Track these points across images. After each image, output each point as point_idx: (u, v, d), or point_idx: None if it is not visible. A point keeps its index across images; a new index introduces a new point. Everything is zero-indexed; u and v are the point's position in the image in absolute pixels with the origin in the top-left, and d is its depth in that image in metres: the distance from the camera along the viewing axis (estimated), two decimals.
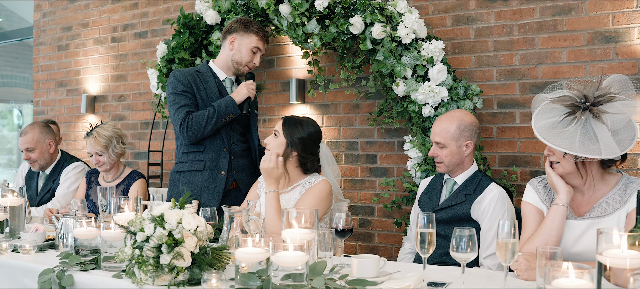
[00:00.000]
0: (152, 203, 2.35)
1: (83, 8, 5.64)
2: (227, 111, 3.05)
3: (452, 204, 2.63)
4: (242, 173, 3.20)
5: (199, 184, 3.11)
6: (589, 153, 2.07)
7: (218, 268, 1.92)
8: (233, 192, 3.19)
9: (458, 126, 2.64)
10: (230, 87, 3.24)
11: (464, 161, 2.67)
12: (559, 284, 1.41)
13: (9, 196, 2.69)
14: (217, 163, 3.12)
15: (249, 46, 3.17)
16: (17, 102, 10.19)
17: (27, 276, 2.18)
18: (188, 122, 3.04)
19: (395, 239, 3.95)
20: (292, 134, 2.65)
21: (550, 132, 2.13)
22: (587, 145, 2.07)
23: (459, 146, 2.63)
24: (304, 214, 1.93)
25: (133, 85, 5.25)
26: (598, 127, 2.09)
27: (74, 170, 3.89)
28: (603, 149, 2.05)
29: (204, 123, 3.03)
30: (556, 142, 2.11)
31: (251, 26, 3.18)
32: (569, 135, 2.09)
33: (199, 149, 3.13)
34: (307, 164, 2.67)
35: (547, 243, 2.13)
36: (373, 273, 1.96)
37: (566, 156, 2.16)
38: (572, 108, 2.13)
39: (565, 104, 2.14)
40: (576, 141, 2.08)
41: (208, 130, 3.05)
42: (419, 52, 3.37)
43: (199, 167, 3.12)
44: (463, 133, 2.64)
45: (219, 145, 3.13)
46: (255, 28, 3.18)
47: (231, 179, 3.16)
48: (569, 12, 3.40)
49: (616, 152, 2.06)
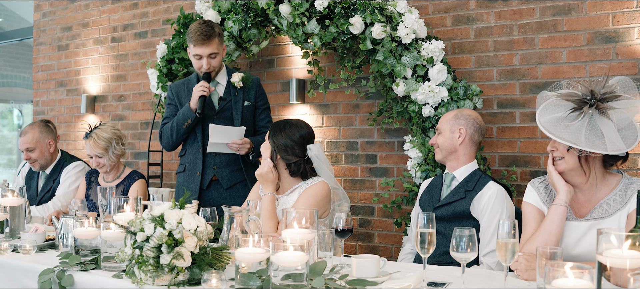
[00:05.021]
0: (152, 203, 2.35)
1: (83, 8, 5.64)
2: (185, 117, 3.24)
3: (451, 201, 2.64)
4: (224, 169, 3.31)
5: (181, 184, 3.40)
6: (595, 148, 2.06)
7: (218, 268, 1.92)
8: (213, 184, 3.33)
9: (456, 114, 2.74)
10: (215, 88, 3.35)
11: (457, 150, 2.69)
12: (559, 284, 1.41)
13: (9, 196, 2.69)
14: (194, 164, 3.35)
15: (191, 55, 3.30)
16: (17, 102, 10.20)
17: (27, 276, 2.18)
18: (160, 134, 3.38)
19: (395, 239, 3.95)
20: (274, 138, 2.71)
21: (555, 126, 2.14)
22: (593, 140, 2.07)
23: (452, 130, 2.69)
24: (303, 215, 1.94)
25: (133, 85, 5.25)
26: (604, 123, 2.09)
27: (74, 169, 3.89)
28: (608, 145, 2.05)
29: (169, 133, 3.31)
30: (562, 135, 2.11)
31: (188, 35, 3.28)
32: (575, 129, 2.10)
33: (182, 153, 3.44)
34: (291, 167, 2.69)
35: (547, 243, 2.13)
36: (373, 273, 1.96)
37: (570, 151, 2.16)
38: (579, 104, 2.13)
39: (572, 100, 2.14)
40: (582, 135, 2.08)
41: (175, 138, 3.31)
42: (419, 52, 3.37)
43: (181, 169, 3.42)
44: (458, 120, 2.71)
45: (196, 147, 3.35)
46: (191, 36, 3.25)
47: (208, 177, 3.32)
48: (569, 12, 3.40)
49: (621, 148, 2.06)
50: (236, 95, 3.35)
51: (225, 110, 3.34)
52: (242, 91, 3.36)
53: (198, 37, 3.23)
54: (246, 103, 3.36)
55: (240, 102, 3.35)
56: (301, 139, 2.70)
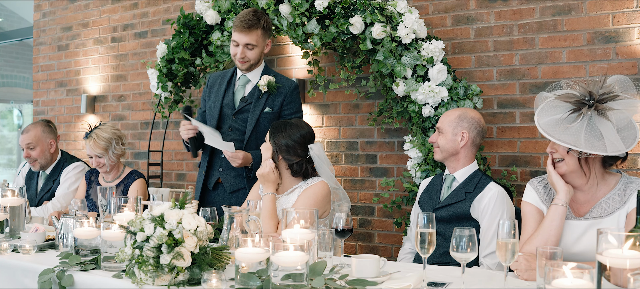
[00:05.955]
0: (152, 203, 2.35)
1: (83, 8, 5.64)
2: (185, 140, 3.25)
3: (452, 202, 2.63)
4: (229, 172, 3.20)
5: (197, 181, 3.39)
6: (594, 149, 2.06)
7: (218, 268, 1.93)
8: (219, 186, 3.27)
9: (459, 115, 2.69)
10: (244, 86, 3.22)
11: (458, 152, 2.68)
12: (559, 284, 1.41)
13: (9, 195, 2.69)
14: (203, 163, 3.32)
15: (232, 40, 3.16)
16: (17, 102, 10.20)
17: (27, 276, 2.18)
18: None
19: (395, 239, 3.95)
20: (275, 138, 2.70)
21: (555, 128, 2.13)
22: (592, 141, 2.07)
23: (454, 133, 2.66)
24: (303, 215, 1.94)
25: (133, 85, 5.25)
26: (603, 124, 2.09)
27: (74, 170, 3.89)
28: (608, 146, 2.05)
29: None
30: (562, 138, 2.10)
31: (233, 21, 3.18)
32: (574, 131, 2.09)
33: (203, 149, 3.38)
34: (294, 167, 2.69)
35: (547, 243, 2.13)
36: (373, 273, 1.96)
37: (570, 152, 2.15)
38: (577, 105, 2.13)
39: (570, 101, 2.14)
40: (581, 137, 2.07)
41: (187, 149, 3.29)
42: (419, 52, 3.37)
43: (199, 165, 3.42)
44: (461, 122, 2.67)
45: (208, 147, 3.27)
46: (234, 21, 3.13)
47: (214, 178, 3.26)
48: (569, 12, 3.40)
49: (621, 149, 2.06)
50: (259, 99, 3.15)
51: (243, 111, 3.17)
52: (267, 96, 3.15)
53: (239, 24, 3.07)
54: (267, 110, 3.14)
55: (260, 108, 3.14)
56: (302, 138, 2.70)
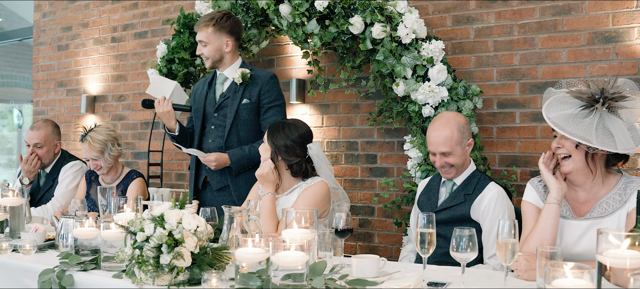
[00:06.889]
0: (152, 203, 2.35)
1: (83, 8, 5.64)
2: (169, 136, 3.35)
3: (451, 205, 2.62)
4: (214, 171, 3.27)
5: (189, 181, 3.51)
6: (605, 146, 2.06)
7: (218, 268, 1.92)
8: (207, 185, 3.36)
9: (458, 129, 2.63)
10: (222, 83, 3.34)
11: (467, 159, 2.69)
12: (559, 284, 1.41)
13: (9, 195, 2.69)
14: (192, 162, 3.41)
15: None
16: (17, 102, 10.19)
17: (27, 276, 2.18)
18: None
19: (395, 239, 3.95)
20: (274, 139, 2.70)
21: (566, 122, 2.12)
22: (603, 138, 2.07)
23: (463, 147, 2.65)
24: (303, 215, 1.94)
25: (133, 85, 5.25)
26: (613, 122, 2.08)
27: (72, 169, 3.88)
28: (618, 144, 2.05)
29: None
30: (574, 131, 2.09)
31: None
32: (586, 126, 2.08)
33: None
34: (293, 167, 2.69)
35: (543, 241, 2.11)
36: (373, 273, 1.96)
37: (578, 148, 2.14)
38: (589, 102, 2.11)
39: (582, 97, 2.13)
40: (593, 132, 2.06)
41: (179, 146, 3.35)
42: (419, 52, 3.37)
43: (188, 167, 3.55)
44: (464, 134, 2.65)
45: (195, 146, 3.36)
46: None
47: (201, 177, 3.36)
48: (569, 12, 3.40)
49: (632, 147, 2.06)
50: (236, 92, 3.25)
51: (223, 107, 3.27)
52: (244, 88, 3.24)
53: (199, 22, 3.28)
54: (244, 101, 3.21)
55: (237, 100, 3.23)
56: (301, 138, 2.70)
